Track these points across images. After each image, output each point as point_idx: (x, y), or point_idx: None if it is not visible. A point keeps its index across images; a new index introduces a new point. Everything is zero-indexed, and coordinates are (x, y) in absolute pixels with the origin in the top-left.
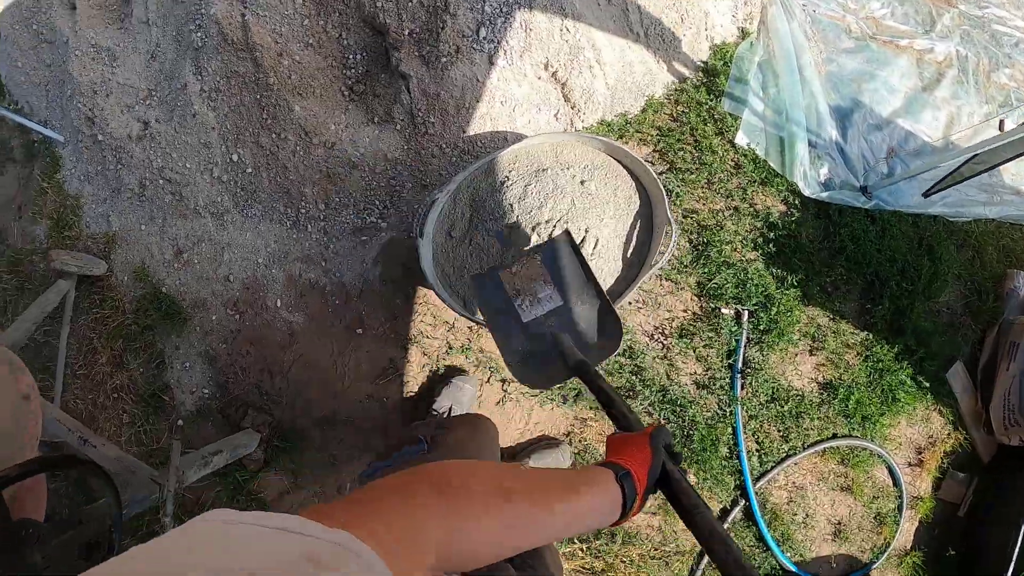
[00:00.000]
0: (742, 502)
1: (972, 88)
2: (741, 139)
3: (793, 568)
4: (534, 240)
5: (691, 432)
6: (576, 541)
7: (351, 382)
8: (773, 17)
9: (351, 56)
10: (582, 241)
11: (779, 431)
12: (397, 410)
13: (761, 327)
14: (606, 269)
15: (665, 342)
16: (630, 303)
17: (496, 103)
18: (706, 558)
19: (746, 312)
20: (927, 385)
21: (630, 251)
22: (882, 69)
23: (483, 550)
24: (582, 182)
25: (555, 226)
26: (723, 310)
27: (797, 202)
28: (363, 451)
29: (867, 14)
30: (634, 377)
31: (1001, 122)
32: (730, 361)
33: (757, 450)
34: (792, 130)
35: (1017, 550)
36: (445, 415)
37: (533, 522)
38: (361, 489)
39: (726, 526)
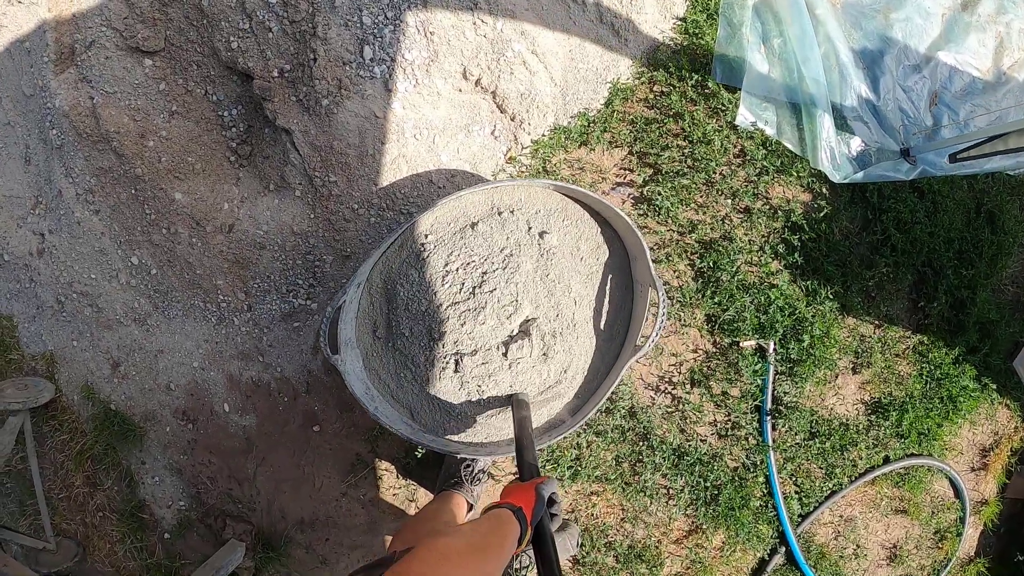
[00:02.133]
0: (782, 549)
1: None
2: (743, 118)
3: None
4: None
5: (716, 493)
6: None
7: (322, 482)
8: None
9: (226, 113)
10: (545, 354)
11: (821, 468)
12: (377, 505)
13: (792, 356)
14: (578, 349)
15: (674, 393)
16: None
17: (408, 139)
18: None
19: (772, 344)
20: (992, 385)
21: (603, 320)
22: None
23: None
24: (541, 234)
25: (515, 328)
26: (742, 344)
27: (825, 188)
28: (352, 549)
29: None
30: (641, 443)
31: None
32: (756, 403)
33: (796, 492)
34: (809, 94)
35: None
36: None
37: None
38: None
39: None
